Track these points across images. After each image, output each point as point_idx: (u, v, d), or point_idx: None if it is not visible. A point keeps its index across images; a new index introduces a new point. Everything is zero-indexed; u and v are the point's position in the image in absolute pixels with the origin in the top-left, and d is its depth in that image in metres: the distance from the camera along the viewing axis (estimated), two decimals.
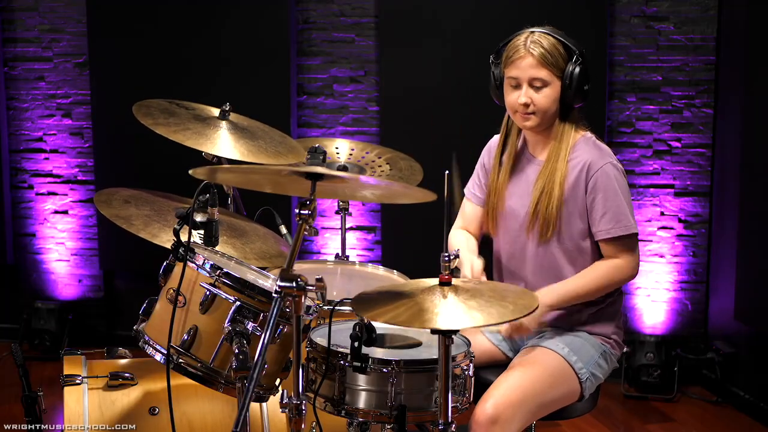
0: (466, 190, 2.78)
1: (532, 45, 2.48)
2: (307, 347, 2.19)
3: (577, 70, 2.48)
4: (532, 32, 2.51)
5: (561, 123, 2.56)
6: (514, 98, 2.53)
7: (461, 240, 2.69)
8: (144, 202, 2.67)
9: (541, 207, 2.52)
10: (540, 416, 2.44)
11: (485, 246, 2.73)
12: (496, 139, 2.72)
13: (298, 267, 3.02)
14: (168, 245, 2.35)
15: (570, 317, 2.56)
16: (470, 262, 2.55)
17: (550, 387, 2.42)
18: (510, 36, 2.56)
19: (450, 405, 1.96)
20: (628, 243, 2.50)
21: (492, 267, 2.72)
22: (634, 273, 2.53)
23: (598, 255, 2.55)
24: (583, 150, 2.54)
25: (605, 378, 2.58)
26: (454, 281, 2.01)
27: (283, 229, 3.14)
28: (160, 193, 2.78)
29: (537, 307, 1.99)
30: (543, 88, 2.49)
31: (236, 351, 2.10)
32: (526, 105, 2.50)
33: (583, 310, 2.56)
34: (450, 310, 1.91)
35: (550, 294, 2.48)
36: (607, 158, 2.52)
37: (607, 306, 2.58)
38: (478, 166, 2.77)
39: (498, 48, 2.59)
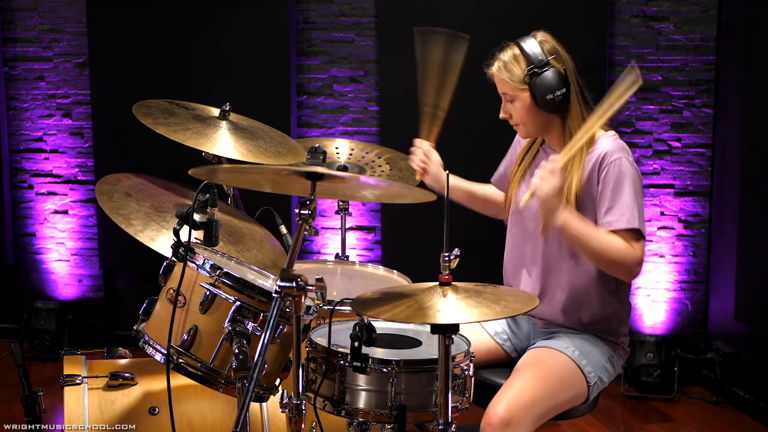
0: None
1: (495, 61, 2.54)
2: (307, 347, 2.19)
3: (538, 79, 2.46)
4: (502, 46, 2.55)
5: (562, 121, 2.53)
6: None
7: None
8: (145, 196, 2.66)
9: None
10: (549, 418, 2.43)
11: (494, 240, 2.69)
12: None
13: (298, 267, 3.02)
14: (166, 252, 2.35)
15: (579, 319, 2.55)
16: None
17: (561, 390, 2.42)
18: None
19: (450, 405, 1.97)
20: (632, 240, 2.40)
21: (504, 260, 2.71)
22: (635, 270, 2.41)
23: None
24: (602, 144, 2.49)
25: (609, 382, 2.57)
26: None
27: (283, 229, 3.14)
28: (163, 183, 2.77)
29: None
30: (513, 102, 2.53)
31: (236, 351, 2.10)
32: (508, 118, 2.57)
33: (593, 313, 2.54)
34: (450, 308, 1.91)
35: (572, 215, 2.39)
36: (622, 153, 2.46)
37: (617, 311, 2.57)
38: (511, 149, 2.82)
39: None
